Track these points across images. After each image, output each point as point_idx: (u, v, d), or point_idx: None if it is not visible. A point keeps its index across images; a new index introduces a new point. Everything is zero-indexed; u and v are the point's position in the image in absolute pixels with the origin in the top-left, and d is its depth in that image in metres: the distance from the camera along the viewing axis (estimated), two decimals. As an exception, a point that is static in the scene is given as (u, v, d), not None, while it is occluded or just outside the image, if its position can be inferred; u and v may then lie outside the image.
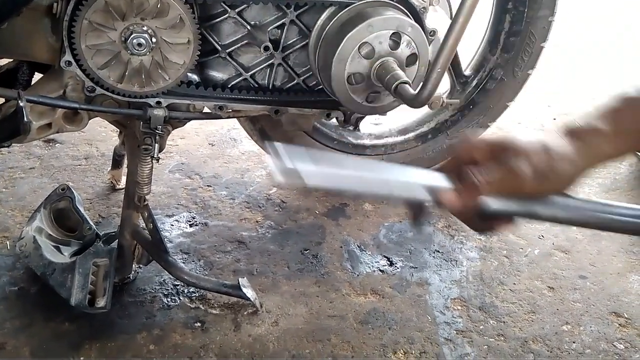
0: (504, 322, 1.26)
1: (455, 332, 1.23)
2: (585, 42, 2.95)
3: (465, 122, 1.67)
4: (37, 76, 1.16)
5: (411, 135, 1.67)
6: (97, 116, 1.16)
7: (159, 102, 1.11)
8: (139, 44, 1.00)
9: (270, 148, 0.71)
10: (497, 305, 1.31)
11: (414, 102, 1.08)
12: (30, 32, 1.02)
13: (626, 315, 1.30)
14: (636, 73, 2.62)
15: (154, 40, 1.02)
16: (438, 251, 1.47)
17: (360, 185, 0.75)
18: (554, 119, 2.19)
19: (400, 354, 1.17)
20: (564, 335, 1.24)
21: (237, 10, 1.12)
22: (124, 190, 1.28)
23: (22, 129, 0.95)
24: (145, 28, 1.00)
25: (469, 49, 1.66)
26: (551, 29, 1.55)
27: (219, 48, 1.15)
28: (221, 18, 1.13)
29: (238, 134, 1.90)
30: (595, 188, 1.77)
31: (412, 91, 1.08)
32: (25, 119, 0.92)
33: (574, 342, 1.23)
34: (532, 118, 2.18)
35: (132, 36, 1.00)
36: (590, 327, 1.27)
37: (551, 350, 1.20)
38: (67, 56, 1.02)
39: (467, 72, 1.63)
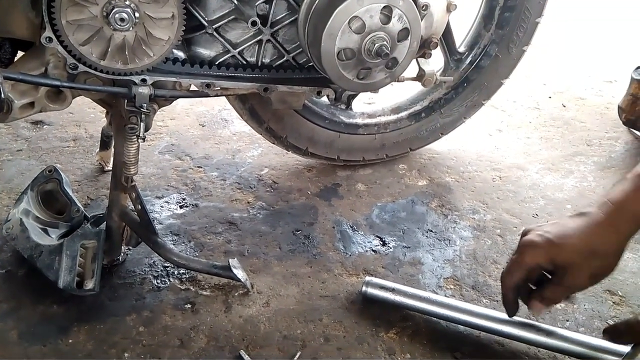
0: (497, 301, 1.25)
1: (448, 311, 1.22)
2: (581, 17, 2.92)
3: (459, 100, 1.65)
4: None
5: (404, 114, 1.65)
6: (80, 95, 1.13)
7: (144, 80, 1.08)
8: (122, 19, 0.97)
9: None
10: (490, 284, 1.30)
11: None
12: (9, 7, 0.99)
13: (620, 293, 1.29)
14: (632, 50, 2.60)
15: (136, 15, 0.99)
16: (431, 231, 1.46)
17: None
18: (549, 97, 2.17)
19: (393, 334, 1.16)
20: (558, 313, 1.23)
21: (223, -16, 1.09)
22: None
23: (0, 106, 0.92)
24: (127, 2, 0.97)
25: (463, 25, 1.63)
26: (546, 4, 1.52)
27: (205, 24, 1.12)
28: (207, -8, 1.10)
29: (229, 115, 1.88)
30: (590, 166, 1.76)
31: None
32: (2, 95, 0.89)
33: (567, 321, 1.22)
34: (527, 96, 2.16)
35: (114, 11, 0.97)
36: (584, 305, 1.26)
37: (544, 328, 1.20)
38: (48, 32, 0.99)
39: (461, 49, 1.60)
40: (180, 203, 1.49)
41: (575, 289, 1.02)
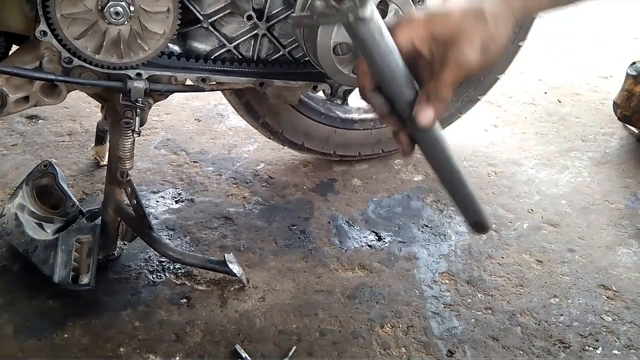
0: (491, 296, 1.26)
1: (442, 305, 1.23)
2: (576, 13, 2.92)
3: (455, 95, 1.64)
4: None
5: (400, 109, 1.64)
6: (75, 89, 1.12)
7: (139, 74, 1.07)
8: (117, 13, 0.97)
9: None
10: (485, 279, 1.30)
11: None
12: (3, 0, 0.98)
13: (614, 288, 1.30)
14: (627, 46, 2.61)
15: (132, 8, 0.98)
16: (426, 226, 1.46)
17: None
18: (545, 92, 2.17)
19: (388, 328, 1.17)
20: (552, 308, 1.24)
21: (218, -23, 1.08)
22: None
23: (-5, 100, 0.92)
24: (122, -4, 0.97)
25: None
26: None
27: (201, 18, 1.11)
28: (202, -14, 1.09)
29: (225, 110, 1.88)
30: (585, 162, 1.76)
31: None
32: (-3, 89, 0.89)
33: (561, 315, 1.23)
34: (523, 91, 2.16)
35: (109, 4, 0.96)
36: (578, 299, 1.27)
37: (539, 322, 1.20)
38: (42, 26, 0.98)
39: (457, 44, 1.60)
40: (175, 198, 1.49)
41: (466, 68, 0.76)
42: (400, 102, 0.78)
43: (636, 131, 1.90)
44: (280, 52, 1.21)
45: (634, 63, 1.86)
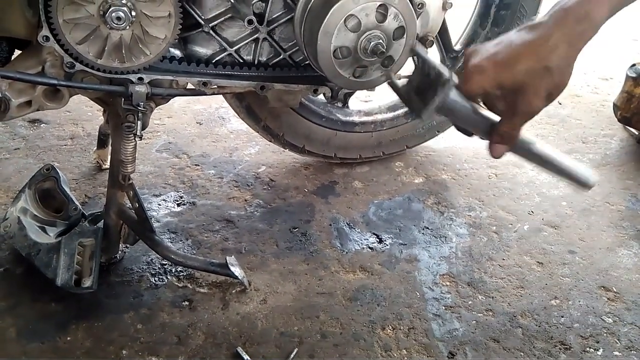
0: (492, 298, 1.26)
1: (443, 307, 1.23)
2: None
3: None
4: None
5: (401, 112, 1.65)
6: (77, 93, 1.13)
7: (140, 78, 1.08)
8: (118, 18, 0.97)
9: None
10: (486, 281, 1.31)
11: None
12: (5, 6, 0.99)
13: (615, 290, 1.30)
14: (627, 47, 2.61)
15: (133, 13, 0.99)
16: (427, 228, 1.46)
17: None
18: (546, 94, 2.17)
19: (389, 330, 1.17)
20: (553, 309, 1.24)
21: (219, -18, 1.09)
22: (108, 169, 1.26)
23: (-2, 104, 0.93)
24: (124, 1, 0.97)
25: (460, 23, 1.63)
26: (542, 3, 1.53)
27: (202, 22, 1.12)
28: (203, -9, 1.10)
29: (226, 113, 1.88)
30: (586, 163, 1.76)
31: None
32: (0, 94, 0.90)
33: (562, 317, 1.23)
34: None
35: (110, 9, 0.97)
36: (579, 301, 1.27)
37: (539, 324, 1.21)
38: (45, 31, 0.99)
39: (457, 47, 1.61)
40: (177, 201, 1.50)
41: (532, 114, 0.90)
42: (479, 133, 0.99)
43: (636, 133, 1.91)
44: (281, 56, 1.22)
45: (634, 65, 1.87)
